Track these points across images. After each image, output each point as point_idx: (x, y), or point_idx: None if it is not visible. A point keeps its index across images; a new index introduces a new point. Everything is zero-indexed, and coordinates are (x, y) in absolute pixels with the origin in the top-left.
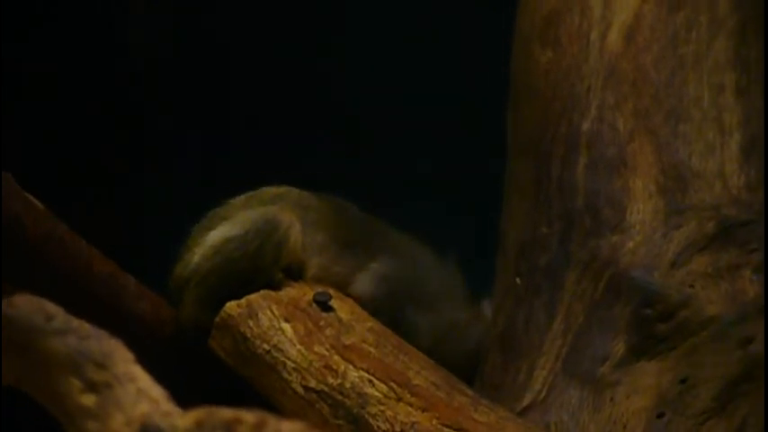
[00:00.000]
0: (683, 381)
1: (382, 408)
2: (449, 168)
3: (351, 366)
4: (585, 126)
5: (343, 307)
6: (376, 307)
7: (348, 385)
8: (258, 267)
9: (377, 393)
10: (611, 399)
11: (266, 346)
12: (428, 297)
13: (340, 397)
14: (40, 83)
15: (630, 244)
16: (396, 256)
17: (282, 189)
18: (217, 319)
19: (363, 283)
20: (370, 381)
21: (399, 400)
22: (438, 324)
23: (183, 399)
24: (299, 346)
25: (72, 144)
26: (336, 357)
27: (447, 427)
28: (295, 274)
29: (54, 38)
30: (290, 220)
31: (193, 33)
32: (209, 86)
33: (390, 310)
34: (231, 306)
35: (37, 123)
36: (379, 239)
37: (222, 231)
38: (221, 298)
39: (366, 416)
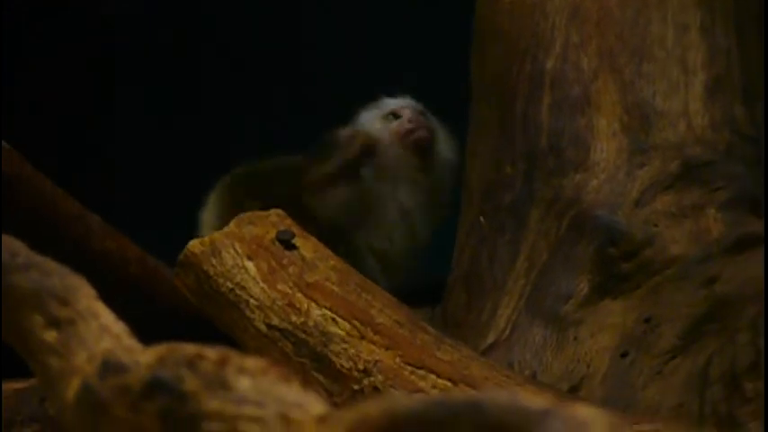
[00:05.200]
0: (647, 320)
1: (345, 346)
2: None
3: (314, 304)
4: (549, 64)
5: (306, 245)
6: None
7: (311, 323)
8: None
9: (340, 331)
10: (575, 338)
11: (229, 284)
12: None
13: (303, 335)
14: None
15: (594, 182)
16: None
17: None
18: (180, 257)
19: None
20: (333, 319)
21: (362, 338)
22: None
23: (146, 336)
24: (262, 284)
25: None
26: (299, 295)
27: (410, 365)
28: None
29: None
30: None
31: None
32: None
33: None
34: (194, 244)
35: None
36: None
37: None
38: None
39: (329, 354)
